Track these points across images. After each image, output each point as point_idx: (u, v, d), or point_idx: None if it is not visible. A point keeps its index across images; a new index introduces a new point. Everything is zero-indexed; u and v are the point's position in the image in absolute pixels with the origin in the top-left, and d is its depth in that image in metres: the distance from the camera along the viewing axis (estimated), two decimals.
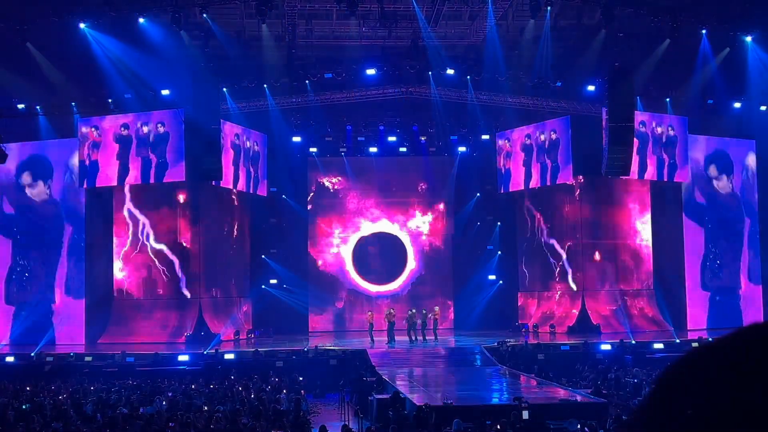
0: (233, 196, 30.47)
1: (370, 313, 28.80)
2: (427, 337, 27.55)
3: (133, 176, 28.26)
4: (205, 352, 24.00)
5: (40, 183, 29.92)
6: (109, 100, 28.47)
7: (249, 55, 29.06)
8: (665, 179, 30.61)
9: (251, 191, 30.92)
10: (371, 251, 33.87)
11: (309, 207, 33.80)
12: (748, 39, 29.29)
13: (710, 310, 31.32)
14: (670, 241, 31.32)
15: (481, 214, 34.10)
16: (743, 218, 32.43)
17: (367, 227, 34.15)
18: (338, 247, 33.94)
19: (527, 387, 19.44)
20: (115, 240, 29.07)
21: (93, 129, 28.67)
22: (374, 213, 34.23)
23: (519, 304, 32.30)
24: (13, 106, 27.93)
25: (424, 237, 34.34)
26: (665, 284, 30.84)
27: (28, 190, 30.05)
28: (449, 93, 30.18)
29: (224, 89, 28.29)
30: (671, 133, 30.38)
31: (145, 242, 28.92)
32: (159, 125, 28.12)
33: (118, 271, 28.97)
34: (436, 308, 29.38)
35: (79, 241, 29.49)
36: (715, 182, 32.21)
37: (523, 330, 30.29)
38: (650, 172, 30.17)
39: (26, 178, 30.02)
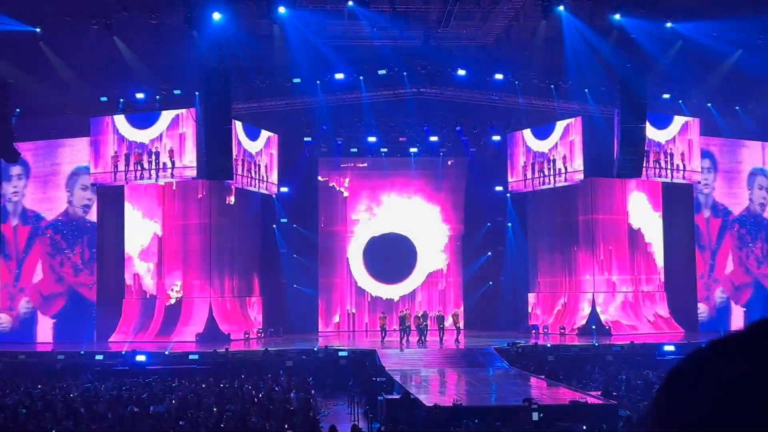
0: (244, 196, 30.52)
1: (382, 314, 28.80)
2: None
3: (144, 175, 28.39)
4: (216, 351, 24.06)
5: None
6: (121, 100, 28.56)
7: (260, 55, 29.06)
8: (677, 180, 30.48)
9: (262, 191, 30.98)
10: (382, 252, 33.82)
11: (319, 207, 33.83)
12: None
13: (723, 312, 31.17)
14: (682, 242, 31.20)
15: (491, 214, 34.06)
16: (755, 218, 32.26)
17: (378, 227, 34.12)
18: (349, 247, 33.94)
19: (537, 388, 19.38)
20: (125, 237, 29.19)
21: (104, 127, 28.82)
22: (384, 213, 34.20)
23: (529, 305, 32.22)
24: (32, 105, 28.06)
25: (434, 237, 34.29)
26: (676, 285, 30.71)
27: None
28: (460, 94, 30.08)
29: (235, 89, 28.29)
30: (683, 134, 30.23)
31: (155, 241, 29.04)
32: (170, 125, 28.23)
33: (129, 268, 29.10)
34: (457, 310, 29.26)
35: (91, 238, 29.65)
36: (728, 183, 32.09)
37: (534, 331, 30.22)
38: (662, 173, 30.05)
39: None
